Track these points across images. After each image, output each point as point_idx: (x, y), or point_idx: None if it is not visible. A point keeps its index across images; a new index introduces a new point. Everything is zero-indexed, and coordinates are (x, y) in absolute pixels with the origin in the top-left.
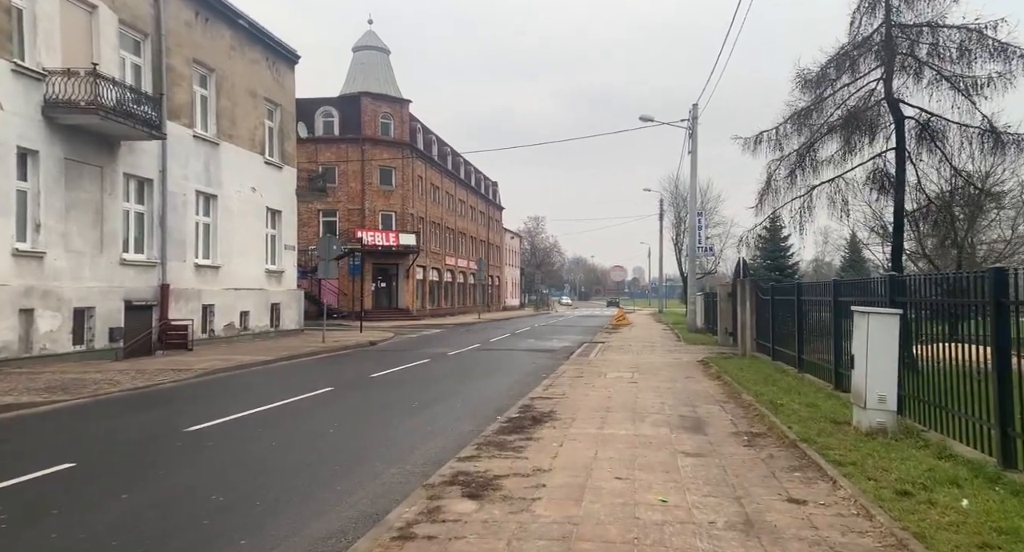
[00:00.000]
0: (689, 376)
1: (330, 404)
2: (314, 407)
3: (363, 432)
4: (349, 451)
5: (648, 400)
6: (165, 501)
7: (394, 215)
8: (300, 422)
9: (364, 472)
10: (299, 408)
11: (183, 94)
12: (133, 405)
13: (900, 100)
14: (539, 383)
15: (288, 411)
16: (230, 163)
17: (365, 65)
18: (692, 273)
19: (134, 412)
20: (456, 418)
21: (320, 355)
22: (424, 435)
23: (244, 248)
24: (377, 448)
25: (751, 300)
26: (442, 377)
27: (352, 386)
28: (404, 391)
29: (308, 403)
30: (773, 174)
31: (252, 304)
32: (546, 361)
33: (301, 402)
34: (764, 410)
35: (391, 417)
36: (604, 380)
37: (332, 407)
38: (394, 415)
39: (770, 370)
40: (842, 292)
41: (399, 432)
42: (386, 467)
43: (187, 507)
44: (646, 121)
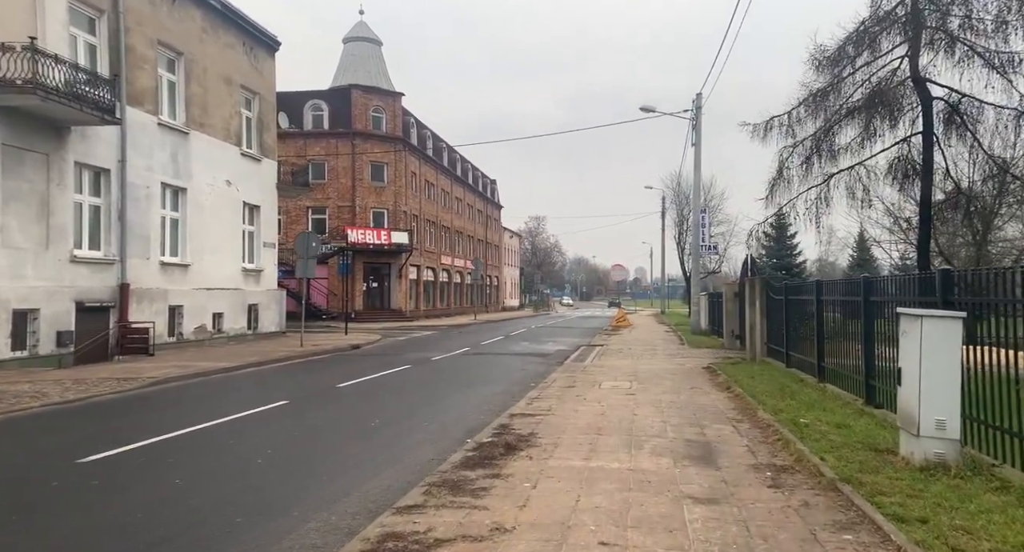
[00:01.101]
0: (694, 386)
1: (275, 423)
2: (256, 427)
3: (298, 463)
4: (267, 492)
5: (647, 418)
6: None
7: (386, 212)
8: (229, 448)
9: (270, 529)
10: (237, 428)
11: (146, 78)
12: (42, 425)
13: (927, 79)
14: (524, 395)
15: (222, 432)
16: (202, 154)
17: (356, 57)
18: (696, 272)
19: (34, 435)
20: (417, 442)
21: (292, 361)
22: (371, 467)
23: (218, 245)
24: (306, 487)
25: (761, 300)
26: (417, 387)
27: (312, 399)
28: (369, 405)
29: (252, 421)
30: (785, 162)
31: (227, 305)
32: (537, 367)
33: (243, 420)
34: (786, 433)
35: (341, 441)
36: (598, 391)
37: (277, 427)
38: (346, 438)
39: (785, 379)
40: (875, 290)
41: (343, 462)
42: (303, 519)
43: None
44: (647, 111)
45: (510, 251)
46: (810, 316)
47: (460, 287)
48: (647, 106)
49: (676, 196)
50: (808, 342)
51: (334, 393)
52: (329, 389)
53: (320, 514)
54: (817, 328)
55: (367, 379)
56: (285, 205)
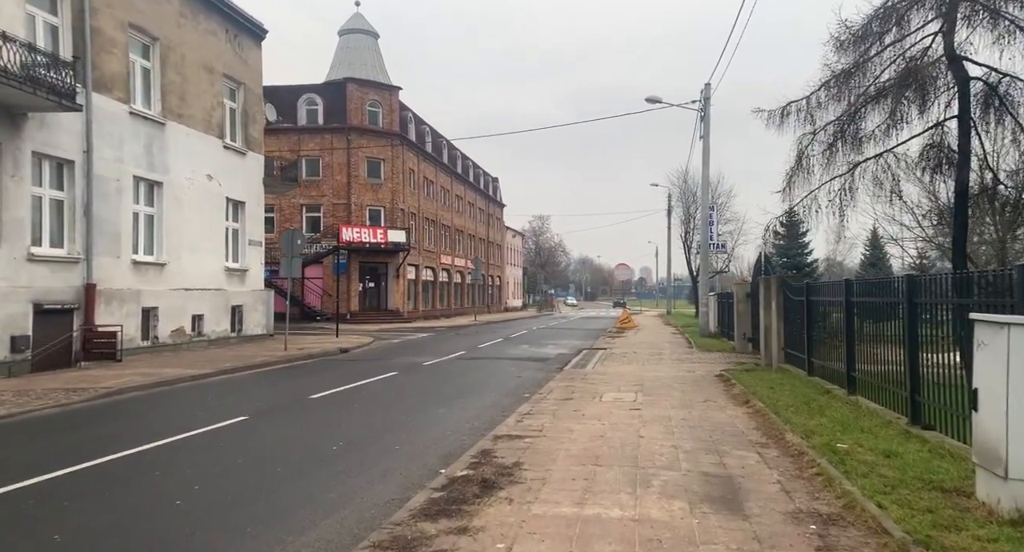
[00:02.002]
0: (708, 399)
1: (223, 446)
2: (197, 451)
3: (225, 506)
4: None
5: (655, 442)
6: None
7: (383, 210)
8: (151, 483)
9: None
10: (174, 453)
11: (116, 63)
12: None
13: (964, 57)
14: (516, 409)
15: (155, 459)
16: (180, 146)
17: (351, 50)
18: (704, 271)
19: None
20: (381, 472)
21: (272, 367)
22: (312, 512)
23: (198, 243)
24: (214, 547)
25: (778, 301)
26: (398, 399)
27: (276, 414)
28: (338, 422)
29: (196, 443)
30: (805, 150)
31: (208, 306)
32: (534, 374)
33: (188, 441)
34: (826, 465)
35: (290, 471)
36: (598, 406)
37: (222, 452)
38: (297, 467)
39: (809, 390)
40: (919, 291)
41: (280, 504)
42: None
43: None
44: (653, 102)
45: (513, 250)
46: (837, 319)
47: (461, 287)
48: (653, 96)
49: (682, 194)
50: (835, 348)
51: (303, 406)
52: (299, 401)
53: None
54: (846, 333)
55: (346, 389)
56: (278, 203)
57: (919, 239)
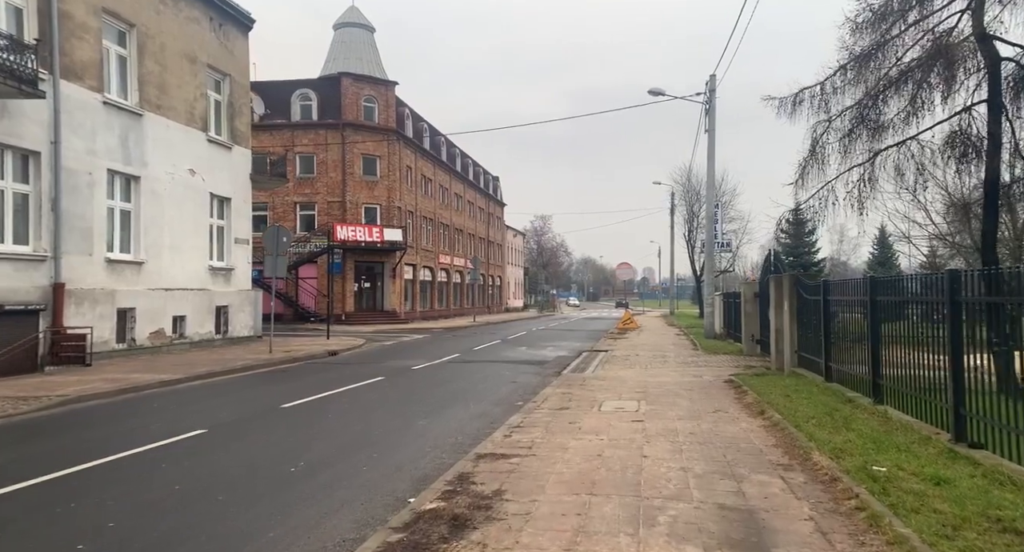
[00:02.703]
0: (718, 409)
1: (168, 467)
2: (140, 471)
3: (144, 548)
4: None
5: (661, 463)
6: None
7: (379, 208)
8: (42, 522)
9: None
10: (112, 475)
11: (88, 50)
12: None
13: (994, 36)
14: (505, 420)
15: (84, 483)
16: (159, 138)
17: (347, 44)
18: (710, 270)
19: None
20: (338, 505)
21: (252, 371)
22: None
23: (180, 241)
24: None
25: (790, 301)
26: (378, 408)
27: (240, 426)
28: (305, 436)
29: (141, 463)
30: (819, 139)
31: (190, 307)
32: (530, 378)
33: (133, 460)
34: (866, 497)
35: (235, 499)
36: (597, 416)
37: (165, 474)
38: (245, 494)
39: (829, 398)
40: (961, 289)
41: (208, 547)
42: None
43: None
44: (657, 95)
45: (514, 250)
46: (859, 320)
47: (460, 287)
48: (656, 89)
49: (686, 192)
50: (855, 352)
51: (272, 418)
52: (269, 411)
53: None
54: (871, 335)
55: (324, 396)
56: (271, 200)
57: (933, 237)
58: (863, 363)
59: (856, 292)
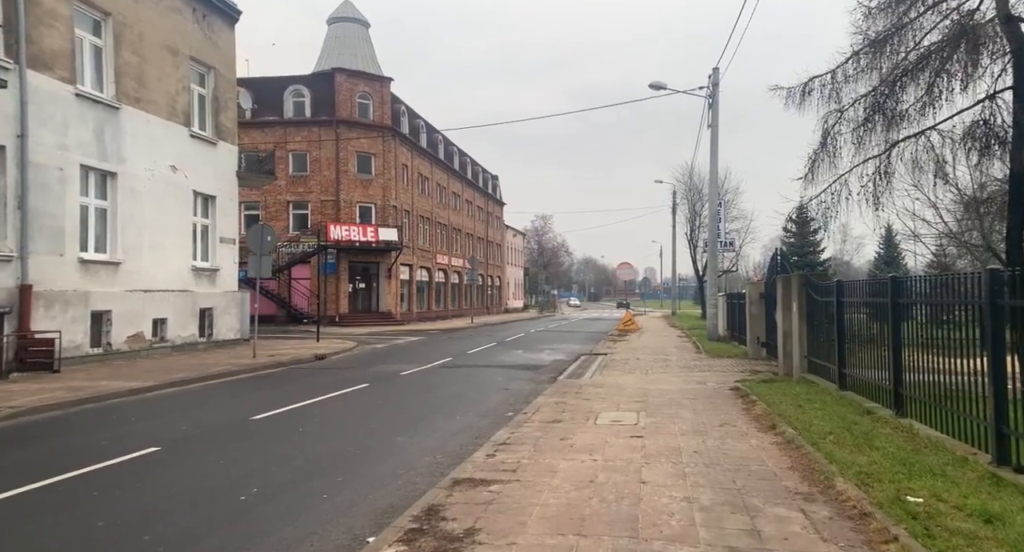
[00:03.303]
0: (725, 422)
1: (93, 497)
2: (53, 505)
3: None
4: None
5: (663, 491)
6: None
7: (374, 207)
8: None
9: None
10: (20, 509)
11: (58, 38)
12: None
13: (1021, 18)
14: (492, 435)
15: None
16: (138, 133)
17: (341, 39)
18: (713, 270)
19: None
20: (283, 547)
21: (231, 377)
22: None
23: (160, 240)
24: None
25: (800, 302)
26: (355, 421)
27: (196, 443)
28: (267, 455)
29: (65, 491)
30: (831, 130)
31: (172, 310)
32: (523, 385)
33: (56, 487)
34: (906, 539)
35: (162, 537)
36: (592, 431)
37: (87, 506)
38: (171, 538)
39: (844, 408)
40: (1003, 290)
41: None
42: None
43: None
44: (657, 88)
45: (514, 250)
46: (881, 325)
47: (458, 288)
48: (656, 83)
49: (688, 191)
50: (875, 358)
51: (237, 432)
52: (237, 424)
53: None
54: (892, 340)
55: (300, 406)
56: (264, 199)
57: (942, 235)
58: (882, 370)
59: (875, 293)
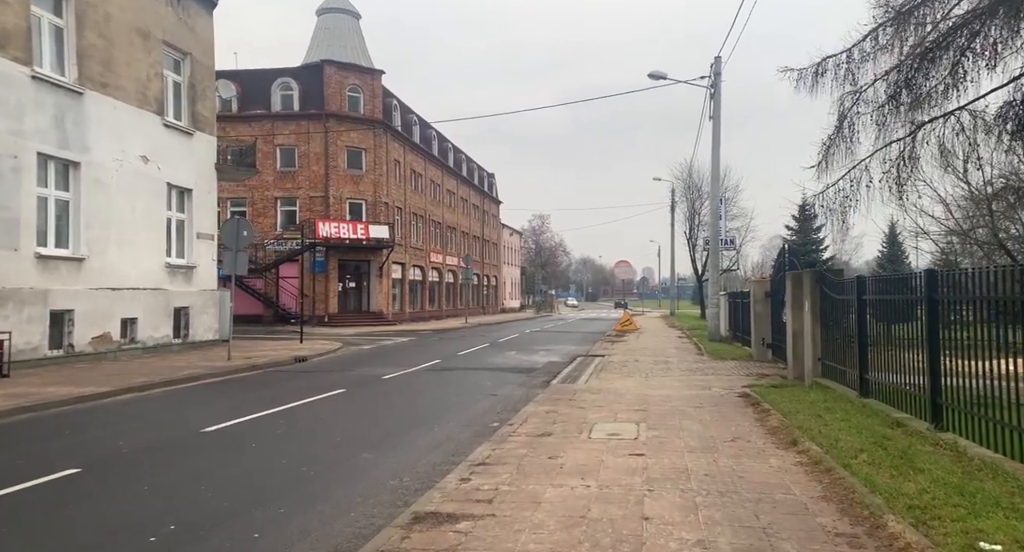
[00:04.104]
0: (737, 436)
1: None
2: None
3: None
4: None
5: (669, 531)
6: None
7: (364, 204)
8: None
9: None
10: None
11: (11, 16)
12: None
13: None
14: (471, 452)
15: None
16: (104, 120)
17: (330, 30)
18: (714, 268)
19: None
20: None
21: (197, 382)
22: None
23: (130, 235)
24: None
25: (812, 301)
26: (319, 434)
27: (125, 463)
28: (205, 480)
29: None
30: (848, 113)
31: (143, 309)
32: (513, 390)
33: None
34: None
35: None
36: (585, 447)
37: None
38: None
39: (870, 419)
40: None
41: None
42: None
43: None
44: (657, 78)
45: (510, 249)
46: (911, 325)
47: (453, 287)
48: (656, 72)
49: (687, 188)
50: (905, 362)
51: (180, 449)
52: (183, 439)
53: None
54: (929, 342)
55: (261, 416)
56: (251, 196)
57: (951, 232)
58: (914, 376)
59: (905, 290)
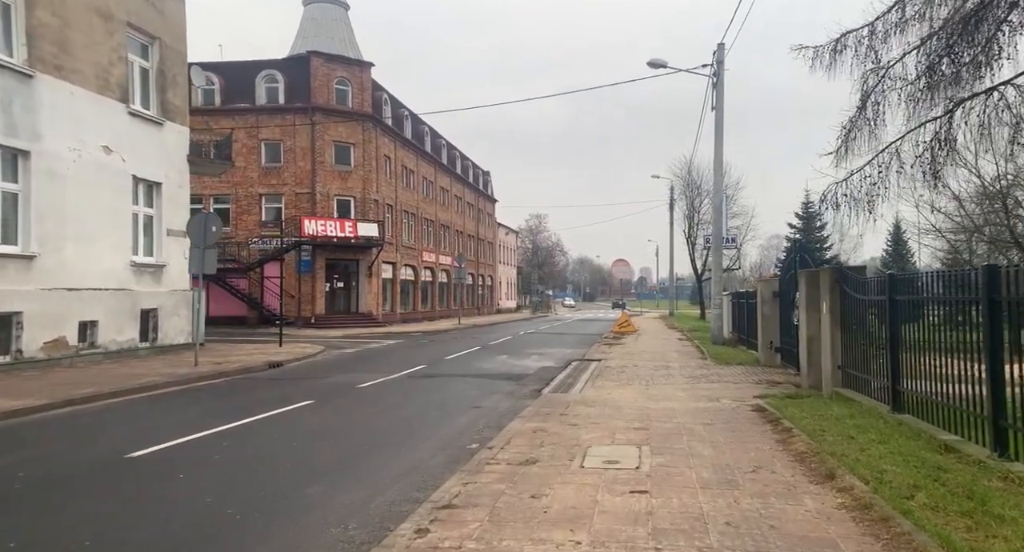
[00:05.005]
0: (759, 465)
1: None
2: None
3: None
4: None
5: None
6: None
7: (353, 201)
8: None
9: None
10: None
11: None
12: None
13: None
14: (439, 486)
15: None
16: (59, 107)
17: (318, 21)
18: (717, 266)
19: None
20: None
21: (152, 392)
22: None
23: (89, 232)
24: None
25: (831, 302)
26: (266, 458)
27: (12, 504)
28: (98, 526)
29: None
30: (871, 92)
31: (104, 311)
32: (500, 401)
33: None
34: None
35: None
36: (576, 482)
37: None
38: None
39: (913, 442)
40: None
41: None
42: None
43: None
44: (657, 67)
45: (506, 249)
46: (959, 330)
47: (446, 287)
48: (656, 60)
49: (686, 186)
50: (954, 375)
51: (94, 478)
52: (99, 466)
53: None
54: (989, 352)
55: (206, 435)
56: (235, 192)
57: (963, 230)
58: (964, 386)
59: (954, 288)
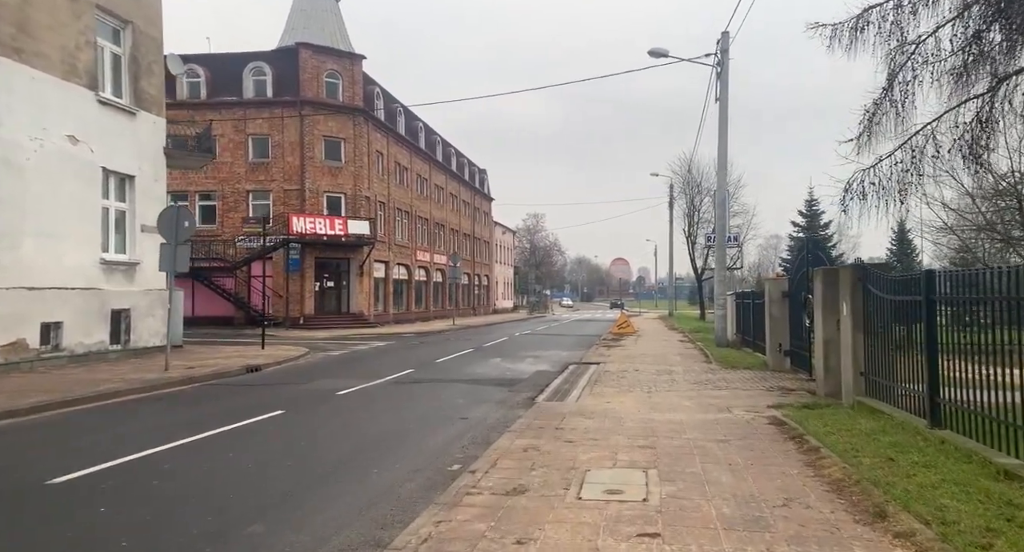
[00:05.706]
0: (790, 497)
1: None
2: None
3: None
4: None
5: None
6: None
7: (343, 198)
8: None
9: None
10: None
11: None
12: None
13: None
14: (405, 527)
15: None
16: (18, 92)
17: (307, 12)
18: (721, 264)
19: None
20: None
21: (111, 400)
22: None
23: (53, 227)
24: None
25: (851, 303)
26: (215, 480)
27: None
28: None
29: None
30: (899, 72)
31: (70, 311)
32: (490, 411)
33: None
34: None
35: None
36: (571, 520)
37: None
38: None
39: (966, 467)
40: None
41: None
42: None
43: None
44: (657, 56)
45: (503, 248)
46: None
47: (441, 287)
48: (657, 49)
49: (686, 184)
50: (1010, 386)
51: (20, 512)
52: (15, 494)
53: None
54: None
55: (148, 455)
56: (221, 189)
57: (977, 227)
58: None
59: (1011, 286)
